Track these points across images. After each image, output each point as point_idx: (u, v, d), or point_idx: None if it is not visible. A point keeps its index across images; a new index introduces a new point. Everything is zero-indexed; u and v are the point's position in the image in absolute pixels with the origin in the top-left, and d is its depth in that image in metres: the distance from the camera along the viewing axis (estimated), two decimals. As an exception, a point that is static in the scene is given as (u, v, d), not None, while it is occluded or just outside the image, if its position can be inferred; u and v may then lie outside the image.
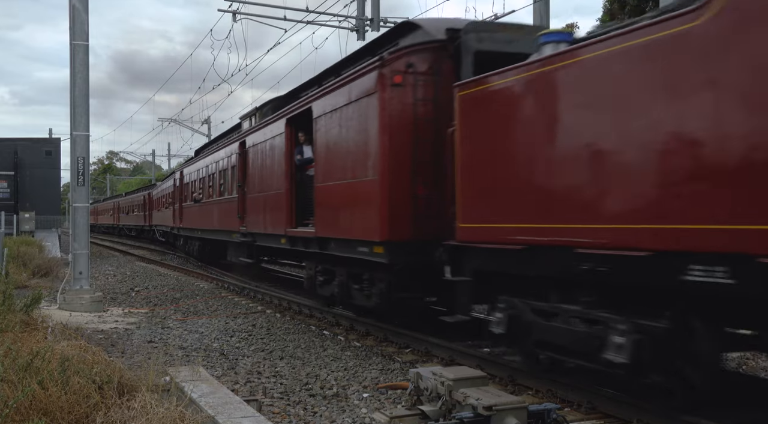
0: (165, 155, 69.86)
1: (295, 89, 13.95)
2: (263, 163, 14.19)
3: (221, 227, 18.58)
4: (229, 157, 17.85)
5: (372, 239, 8.79)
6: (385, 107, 8.53)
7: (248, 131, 15.81)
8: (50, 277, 18.24)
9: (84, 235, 13.37)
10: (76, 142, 13.33)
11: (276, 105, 14.47)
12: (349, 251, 9.64)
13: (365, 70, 9.04)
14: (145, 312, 13.00)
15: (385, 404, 6.56)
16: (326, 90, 10.55)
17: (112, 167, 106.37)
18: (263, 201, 14.06)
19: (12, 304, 8.40)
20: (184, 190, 25.96)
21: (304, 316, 12.36)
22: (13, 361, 5.18)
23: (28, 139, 41.58)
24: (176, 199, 27.54)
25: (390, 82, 8.47)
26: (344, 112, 9.73)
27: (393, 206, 8.45)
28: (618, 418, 5.89)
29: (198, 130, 48.29)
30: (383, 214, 8.54)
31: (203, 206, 21.49)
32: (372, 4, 19.60)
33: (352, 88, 9.48)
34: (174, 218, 28.05)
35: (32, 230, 34.50)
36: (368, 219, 8.87)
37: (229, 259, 19.89)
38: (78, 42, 13.17)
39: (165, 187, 33.27)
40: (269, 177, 13.67)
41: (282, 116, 12.81)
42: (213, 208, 19.90)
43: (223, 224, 18.34)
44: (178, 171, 29.08)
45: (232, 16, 19.47)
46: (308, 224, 11.62)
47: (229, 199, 17.50)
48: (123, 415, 4.67)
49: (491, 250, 6.86)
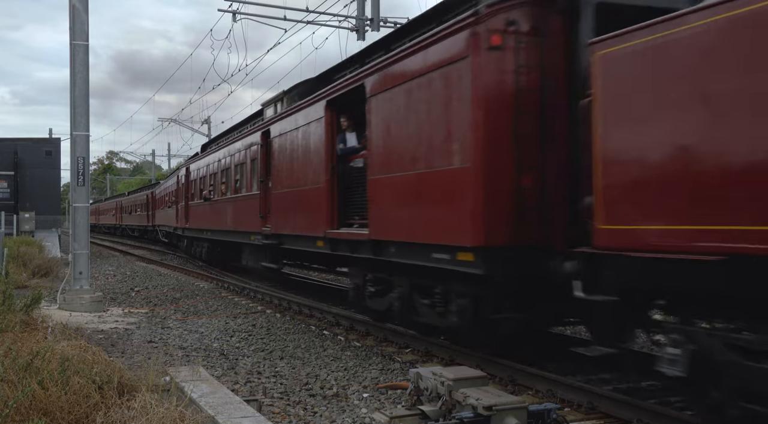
0: (165, 155, 69.87)
1: (329, 70, 12.42)
2: (294, 155, 12.40)
3: (236, 228, 16.89)
4: (247, 150, 16.11)
5: (458, 243, 7.05)
6: (479, 76, 6.79)
7: (273, 119, 13.88)
8: (50, 277, 18.24)
9: (84, 235, 13.36)
10: (76, 142, 13.33)
11: (307, 88, 12.79)
12: (419, 258, 7.91)
13: (450, 30, 7.26)
14: (145, 312, 13.00)
15: (385, 404, 6.56)
16: (388, 61, 8.69)
17: (112, 167, 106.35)
18: (294, 198, 12.35)
19: (12, 304, 8.40)
20: (191, 188, 24.20)
21: (304, 316, 12.36)
22: (13, 361, 5.18)
23: (28, 139, 41.58)
24: (181, 197, 26.03)
25: (486, 45, 6.77)
26: (416, 85, 7.95)
27: (490, 202, 6.69)
28: (618, 418, 5.89)
29: (198, 130, 48.29)
30: (477, 211, 6.74)
31: (214, 205, 19.82)
32: (372, 4, 19.59)
33: (430, 54, 7.71)
34: (178, 217, 26.63)
35: (32, 230, 34.50)
36: (452, 218, 7.16)
37: (245, 263, 18.43)
38: (78, 42, 13.17)
39: (168, 185, 31.76)
40: (302, 170, 11.92)
41: (320, 98, 11.00)
42: (226, 207, 18.21)
43: (240, 223, 16.59)
44: (183, 167, 27.22)
45: (232, 16, 19.46)
46: (353, 224, 10.12)
47: (248, 197, 15.86)
48: (123, 415, 4.67)
49: (655, 260, 5.09)
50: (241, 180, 16.92)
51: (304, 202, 11.78)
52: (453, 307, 7.65)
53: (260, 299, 14.82)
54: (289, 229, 12.72)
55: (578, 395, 6.33)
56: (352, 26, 19.72)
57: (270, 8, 24.21)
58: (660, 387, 6.62)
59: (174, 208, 28.00)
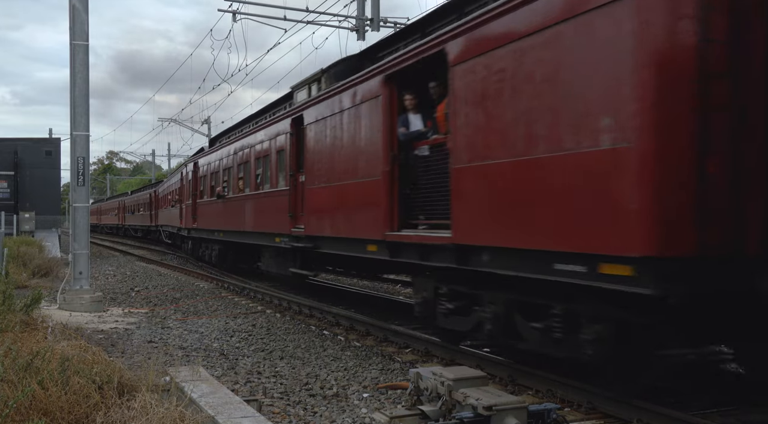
0: (165, 155, 69.90)
1: (374, 46, 10.95)
2: (337, 143, 10.53)
3: (257, 229, 15.07)
4: (272, 140, 14.21)
5: (604, 251, 5.29)
6: (647, 22, 5.02)
7: (308, 103, 11.89)
8: (50, 277, 18.24)
9: (84, 235, 13.36)
10: (76, 142, 13.33)
11: (349, 67, 11.24)
12: (531, 269, 6.13)
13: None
14: (145, 312, 13.00)
15: (385, 404, 6.56)
16: (484, 18, 6.83)
17: (112, 167, 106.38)
18: (336, 194, 10.51)
19: (12, 304, 8.40)
20: (199, 185, 22.22)
21: (304, 316, 12.36)
22: (13, 361, 5.18)
23: (28, 139, 41.60)
24: (186, 195, 24.26)
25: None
26: (534, 43, 6.08)
27: (664, 195, 4.91)
28: (618, 418, 5.89)
29: (198, 130, 48.29)
30: (646, 208, 4.95)
31: (228, 203, 17.96)
32: (372, 4, 19.60)
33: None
34: (183, 217, 24.77)
35: (32, 230, 34.51)
36: (594, 218, 5.37)
37: (265, 269, 16.30)
38: (78, 42, 13.18)
39: (172, 183, 30.12)
40: (348, 161, 10.05)
41: (376, 73, 9.24)
42: (244, 205, 16.33)
43: (261, 224, 14.76)
44: (189, 162, 24.74)
45: (232, 16, 19.47)
46: (416, 224, 8.51)
47: (273, 194, 14.03)
48: (123, 415, 4.67)
49: None
50: (263, 175, 14.94)
51: (350, 200, 9.99)
52: (585, 334, 5.92)
53: (260, 299, 14.82)
54: (328, 230, 10.87)
55: (578, 395, 6.33)
56: (352, 26, 19.73)
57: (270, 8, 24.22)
58: (660, 387, 6.62)
59: (178, 207, 26.26)
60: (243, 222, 16.28)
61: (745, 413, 5.87)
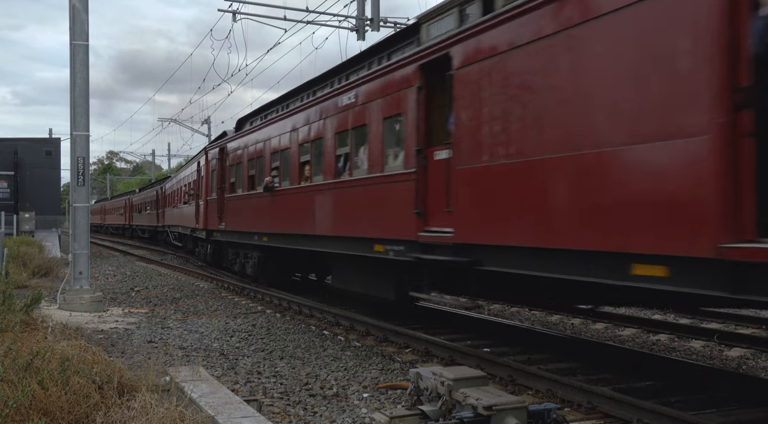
0: (165, 155, 69.92)
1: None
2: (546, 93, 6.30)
3: (336, 231, 10.86)
4: (372, 104, 9.77)
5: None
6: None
7: (466, 32, 7.62)
8: (50, 277, 18.25)
9: (84, 235, 13.36)
10: (76, 142, 13.34)
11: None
12: None
13: None
14: (145, 312, 13.00)
15: (385, 404, 6.56)
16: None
17: (112, 167, 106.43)
18: (555, 173, 6.20)
19: (12, 304, 8.40)
20: (228, 175, 17.93)
21: (304, 316, 12.36)
22: (13, 361, 5.19)
23: (28, 139, 41.68)
24: (207, 189, 20.08)
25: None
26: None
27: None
28: (618, 418, 5.89)
29: (198, 130, 48.31)
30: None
31: (281, 197, 13.52)
32: (372, 4, 19.61)
33: None
34: (200, 216, 20.83)
35: (32, 230, 34.55)
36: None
37: (343, 287, 12.08)
38: (78, 42, 13.18)
39: (183, 177, 26.32)
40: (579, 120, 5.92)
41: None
42: (312, 200, 11.84)
43: (346, 225, 10.58)
44: (212, 149, 20.08)
45: (232, 16, 19.47)
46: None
47: (375, 181, 9.65)
48: (123, 415, 4.67)
49: None
50: (352, 155, 10.48)
51: (592, 181, 5.80)
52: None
53: (260, 299, 14.82)
54: (516, 236, 6.73)
55: (578, 395, 6.33)
56: (352, 26, 19.74)
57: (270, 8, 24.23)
58: (660, 387, 6.62)
59: (193, 204, 22.20)
60: (307, 223, 11.94)
61: (745, 413, 5.87)
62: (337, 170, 11.00)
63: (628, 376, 7.10)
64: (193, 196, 22.82)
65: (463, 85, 7.62)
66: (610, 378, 7.06)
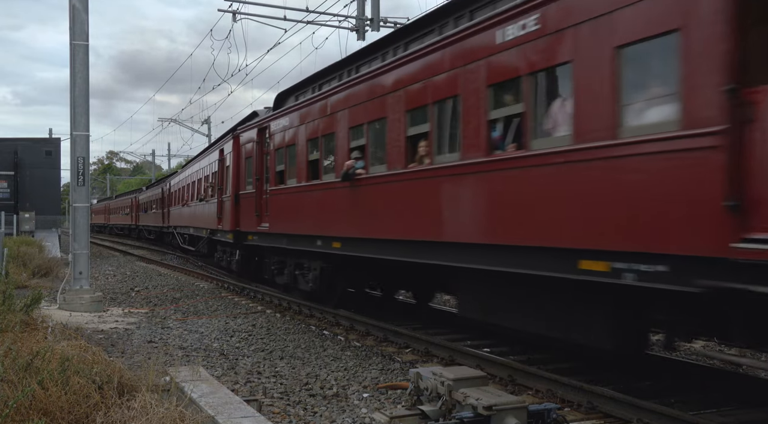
0: (165, 155, 69.89)
1: None
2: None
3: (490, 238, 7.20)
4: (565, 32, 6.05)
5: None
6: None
7: None
8: (50, 277, 18.25)
9: (84, 235, 13.36)
10: (76, 142, 13.34)
11: None
12: None
13: None
14: (145, 312, 13.00)
15: (385, 404, 6.56)
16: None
17: (112, 167, 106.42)
18: None
19: (12, 304, 8.40)
20: (274, 163, 13.84)
21: (304, 316, 12.35)
22: (13, 361, 5.19)
23: (28, 139, 41.69)
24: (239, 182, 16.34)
25: None
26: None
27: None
28: (618, 418, 5.90)
29: (198, 130, 48.29)
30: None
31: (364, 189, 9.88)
32: (372, 4, 19.60)
33: None
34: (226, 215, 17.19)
35: (32, 230, 34.55)
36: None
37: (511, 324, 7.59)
38: (78, 42, 13.18)
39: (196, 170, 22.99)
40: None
41: None
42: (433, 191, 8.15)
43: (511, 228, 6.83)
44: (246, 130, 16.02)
45: (232, 16, 19.46)
46: None
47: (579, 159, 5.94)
48: (123, 415, 4.67)
49: None
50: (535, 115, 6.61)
51: None
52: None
53: (260, 299, 14.82)
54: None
55: (578, 395, 6.33)
56: (352, 26, 19.72)
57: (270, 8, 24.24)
58: (660, 387, 6.62)
59: (215, 201, 18.75)
60: (423, 224, 8.40)
61: (745, 413, 5.87)
62: (489, 143, 7.22)
63: (628, 376, 7.09)
64: (212, 192, 19.41)
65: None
66: (610, 378, 7.05)
